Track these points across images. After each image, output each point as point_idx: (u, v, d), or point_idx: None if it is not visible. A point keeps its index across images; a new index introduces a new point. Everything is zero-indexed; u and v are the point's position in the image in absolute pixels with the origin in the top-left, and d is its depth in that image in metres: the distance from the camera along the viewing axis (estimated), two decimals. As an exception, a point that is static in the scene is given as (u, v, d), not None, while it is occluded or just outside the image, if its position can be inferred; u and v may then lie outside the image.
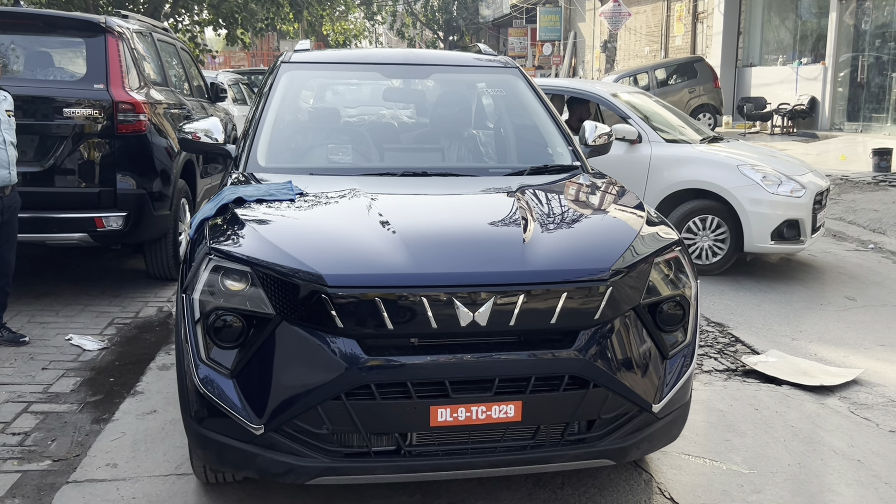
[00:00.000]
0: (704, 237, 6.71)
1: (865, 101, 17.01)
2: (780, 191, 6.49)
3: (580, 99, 7.95)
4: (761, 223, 6.46)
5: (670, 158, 6.91)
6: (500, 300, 2.60)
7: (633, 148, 6.99)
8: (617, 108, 7.33)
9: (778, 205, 6.45)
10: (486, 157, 4.39)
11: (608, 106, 7.45)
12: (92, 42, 5.63)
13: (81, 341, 4.85)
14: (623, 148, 6.97)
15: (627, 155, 6.99)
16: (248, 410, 2.59)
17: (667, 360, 2.87)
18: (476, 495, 3.16)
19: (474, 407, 2.59)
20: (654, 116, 7.60)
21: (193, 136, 3.92)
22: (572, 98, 8.08)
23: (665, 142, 7.05)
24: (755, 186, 6.51)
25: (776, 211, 6.45)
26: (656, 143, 7.00)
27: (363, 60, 4.96)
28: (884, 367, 4.72)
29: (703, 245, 6.72)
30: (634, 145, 6.99)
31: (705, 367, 4.71)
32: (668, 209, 6.82)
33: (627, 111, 7.25)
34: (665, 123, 7.53)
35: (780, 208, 6.45)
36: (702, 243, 6.73)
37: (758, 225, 6.47)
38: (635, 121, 7.13)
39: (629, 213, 3.27)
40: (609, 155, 7.02)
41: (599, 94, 7.59)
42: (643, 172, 6.91)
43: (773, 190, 6.48)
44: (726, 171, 6.65)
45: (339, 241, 2.81)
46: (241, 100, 14.20)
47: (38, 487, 3.18)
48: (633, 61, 26.45)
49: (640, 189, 6.91)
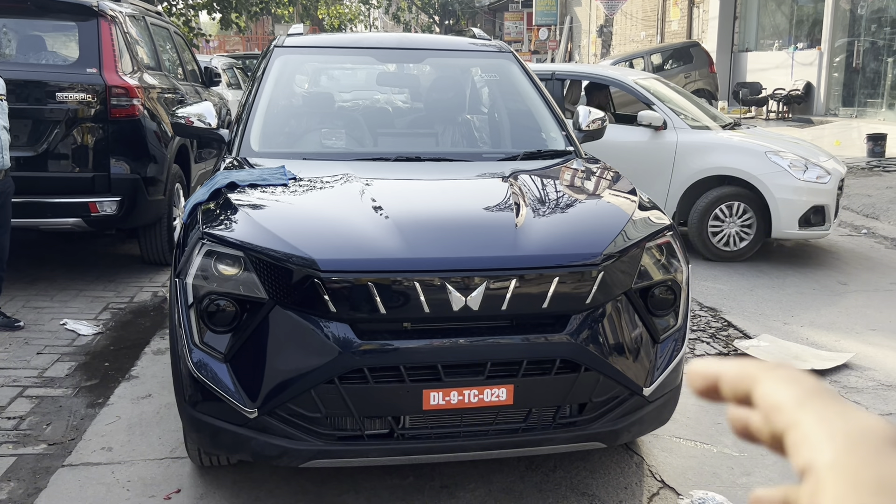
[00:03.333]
0: (732, 224, 6.71)
1: (860, 86, 17.00)
2: (806, 177, 6.49)
3: (599, 85, 7.88)
4: (789, 209, 6.47)
5: (697, 145, 6.84)
6: (492, 285, 2.61)
7: (658, 134, 6.92)
8: (641, 93, 7.22)
9: (805, 191, 6.46)
10: (480, 143, 4.39)
11: (631, 92, 7.34)
12: (84, 26, 5.60)
13: (76, 326, 4.86)
14: (647, 134, 6.93)
15: (652, 141, 6.93)
16: (242, 394, 2.61)
17: (658, 344, 2.90)
18: (469, 478, 3.19)
19: (467, 390, 2.61)
20: (673, 102, 7.49)
21: (187, 121, 3.91)
22: (591, 84, 8.00)
23: (690, 128, 6.99)
24: (783, 173, 6.50)
25: (803, 197, 6.45)
26: (682, 130, 6.93)
27: (357, 45, 4.96)
28: (874, 352, 4.75)
29: (731, 231, 6.73)
30: (659, 132, 6.92)
31: (697, 351, 4.74)
32: (695, 196, 6.80)
33: (651, 97, 7.17)
34: (684, 109, 7.43)
35: (806, 194, 6.46)
36: (729, 230, 6.72)
37: (786, 211, 6.48)
38: (660, 107, 7.05)
39: (621, 198, 3.28)
40: (633, 141, 7.08)
41: (622, 79, 7.50)
42: (669, 159, 6.86)
43: (799, 176, 6.48)
44: (754, 158, 6.62)
45: (331, 226, 2.82)
46: (235, 84, 14.15)
47: (34, 471, 3.20)
48: (629, 46, 26.37)
49: (666, 175, 6.86)
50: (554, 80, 7.60)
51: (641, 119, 6.90)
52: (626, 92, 7.52)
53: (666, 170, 6.88)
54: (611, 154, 6.94)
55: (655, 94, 7.26)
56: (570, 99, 7.95)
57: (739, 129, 7.44)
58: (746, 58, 20.81)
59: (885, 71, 16.24)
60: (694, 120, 7.23)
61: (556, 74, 7.69)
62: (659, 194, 6.86)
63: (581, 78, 8.04)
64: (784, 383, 0.41)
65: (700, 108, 7.75)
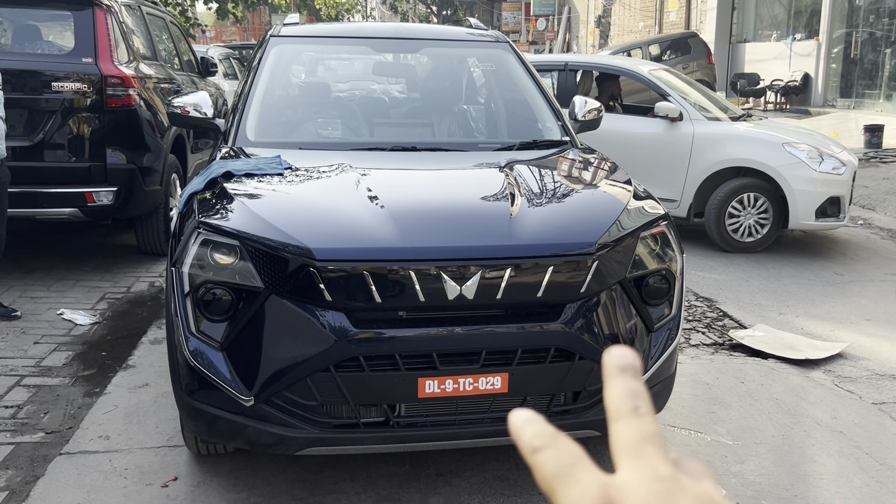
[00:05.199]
0: (748, 215, 6.72)
1: (858, 77, 17.00)
2: (822, 168, 6.50)
3: (610, 75, 7.85)
4: (806, 201, 6.48)
5: (714, 136, 6.82)
6: (487, 274, 2.63)
7: (674, 126, 6.90)
8: (656, 84, 7.19)
9: (821, 182, 6.47)
10: (476, 132, 4.39)
11: (646, 83, 7.31)
12: (80, 15, 5.58)
13: (73, 316, 4.87)
14: (663, 126, 6.92)
15: (668, 133, 6.92)
16: (238, 382, 2.62)
17: (652, 333, 2.91)
18: (464, 466, 3.21)
19: (461, 379, 2.62)
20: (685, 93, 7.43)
21: (183, 111, 3.91)
22: (602, 74, 7.96)
23: (706, 120, 6.96)
24: (801, 164, 6.50)
25: (820, 188, 6.47)
26: (698, 121, 6.90)
27: (353, 34, 4.95)
28: (869, 342, 4.78)
29: (748, 223, 6.74)
30: (675, 123, 6.90)
31: (693, 341, 4.76)
32: (711, 187, 6.80)
33: (666, 88, 7.13)
34: (696, 100, 7.38)
35: (823, 185, 6.47)
36: (746, 221, 6.74)
37: (803, 203, 6.49)
38: (675, 98, 7.02)
39: (616, 188, 3.29)
40: (648, 132, 7.07)
41: (636, 70, 7.47)
42: (685, 151, 6.84)
43: (816, 167, 6.49)
44: (772, 150, 6.62)
45: (327, 216, 2.83)
46: (231, 74, 14.10)
47: (32, 459, 3.22)
48: (627, 37, 26.32)
49: (683, 167, 6.85)
50: (567, 70, 7.57)
51: (658, 110, 6.88)
52: (640, 83, 7.49)
53: (682, 161, 6.86)
54: (625, 145, 6.96)
55: (669, 85, 7.24)
56: (582, 89, 7.91)
57: (750, 121, 7.43)
58: (744, 48, 20.78)
59: (882, 62, 16.23)
60: (707, 111, 7.21)
61: (569, 65, 7.66)
62: (675, 185, 6.86)
63: (594, 68, 7.98)
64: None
65: (710, 99, 7.70)
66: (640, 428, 0.44)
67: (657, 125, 6.93)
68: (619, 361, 0.47)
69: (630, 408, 0.45)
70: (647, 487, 0.41)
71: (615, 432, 0.45)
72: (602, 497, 0.41)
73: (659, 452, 0.43)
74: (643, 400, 0.46)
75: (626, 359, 0.47)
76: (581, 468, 0.43)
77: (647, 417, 0.45)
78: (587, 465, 0.43)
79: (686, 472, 0.44)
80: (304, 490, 3.02)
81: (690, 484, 0.42)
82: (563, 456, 0.43)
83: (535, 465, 0.43)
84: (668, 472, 0.42)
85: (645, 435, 0.44)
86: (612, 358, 0.48)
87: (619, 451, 0.44)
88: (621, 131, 7.09)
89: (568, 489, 0.42)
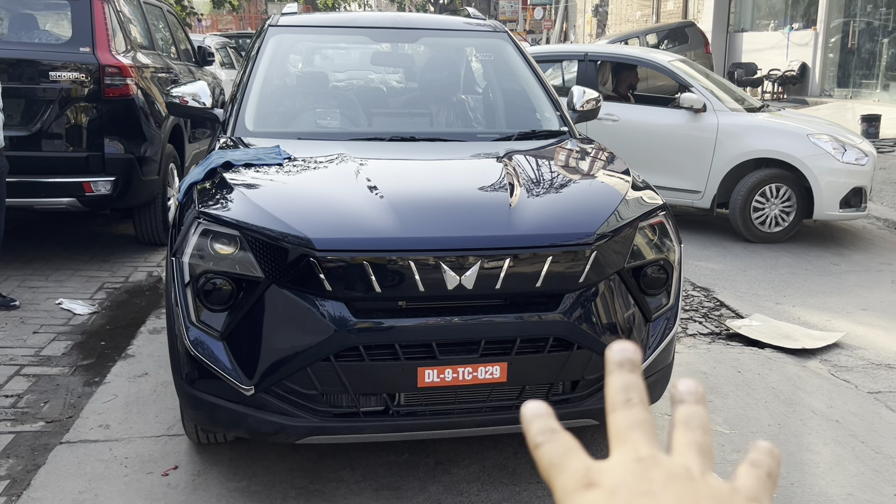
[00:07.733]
0: (773, 205, 6.74)
1: (856, 67, 16.99)
2: (846, 158, 6.52)
3: (627, 65, 7.83)
4: (831, 191, 6.50)
5: (738, 128, 6.80)
6: (486, 264, 2.64)
7: (698, 117, 6.88)
8: (678, 75, 7.17)
9: (845, 173, 6.49)
10: (474, 123, 4.39)
11: (667, 73, 7.29)
12: (77, 4, 5.56)
13: (72, 305, 4.88)
14: (685, 117, 6.91)
15: (691, 124, 6.90)
16: (239, 371, 2.63)
17: (650, 323, 2.93)
18: (463, 454, 3.23)
19: (461, 368, 2.64)
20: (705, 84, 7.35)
21: (181, 101, 3.91)
22: (618, 64, 7.94)
23: (730, 111, 6.94)
24: (826, 155, 6.52)
25: (843, 179, 6.49)
26: (722, 112, 6.88)
27: (351, 24, 4.94)
28: (865, 331, 4.80)
29: (773, 213, 6.76)
30: (698, 114, 6.88)
31: (690, 330, 4.78)
32: (735, 178, 6.80)
33: (688, 79, 7.11)
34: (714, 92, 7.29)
35: (847, 176, 6.50)
36: (770, 211, 6.75)
37: (828, 193, 6.51)
38: (698, 89, 7.00)
39: (615, 178, 3.30)
40: (670, 123, 7.06)
41: (657, 61, 7.46)
42: (710, 142, 6.83)
43: (840, 158, 6.51)
44: (798, 141, 6.62)
45: (327, 206, 2.84)
46: (228, 64, 14.05)
47: (32, 448, 3.23)
48: (624, 26, 26.26)
49: (707, 158, 6.83)
50: (587, 60, 7.56)
51: (682, 101, 6.87)
52: (663, 74, 7.46)
53: (706, 152, 6.84)
54: (647, 136, 6.97)
55: (690, 76, 7.22)
56: (601, 80, 7.90)
57: (767, 111, 7.43)
58: (742, 38, 20.75)
59: (880, 52, 16.23)
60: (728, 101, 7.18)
61: (588, 55, 7.64)
62: (699, 176, 6.86)
63: (614, 59, 7.95)
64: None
65: (727, 90, 7.65)
66: (630, 417, 0.48)
67: (680, 116, 6.92)
68: (617, 357, 0.50)
69: (623, 400, 0.48)
70: (625, 467, 0.45)
71: (609, 423, 0.48)
72: (585, 479, 0.45)
73: (644, 437, 0.47)
74: (636, 391, 0.49)
75: (625, 353, 0.50)
76: (572, 457, 0.46)
77: (638, 407, 0.48)
78: (578, 454, 0.46)
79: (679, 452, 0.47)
80: (304, 479, 3.04)
81: (667, 460, 0.46)
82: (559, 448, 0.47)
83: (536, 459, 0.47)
84: (648, 453, 0.46)
85: (633, 422, 0.48)
86: (612, 353, 0.50)
87: (611, 439, 0.48)
88: (643, 122, 7.11)
89: (560, 476, 0.46)
